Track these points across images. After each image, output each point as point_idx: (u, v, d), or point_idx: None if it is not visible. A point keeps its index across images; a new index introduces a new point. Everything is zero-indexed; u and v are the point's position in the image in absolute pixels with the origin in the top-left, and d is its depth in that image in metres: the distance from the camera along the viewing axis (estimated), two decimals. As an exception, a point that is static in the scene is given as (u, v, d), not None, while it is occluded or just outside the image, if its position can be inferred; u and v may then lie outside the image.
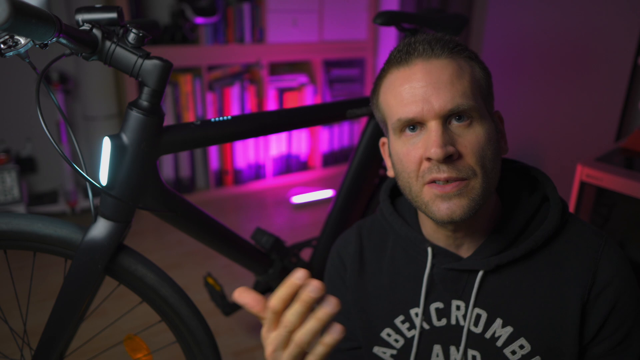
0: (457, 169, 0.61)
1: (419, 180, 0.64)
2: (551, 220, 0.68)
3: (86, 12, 0.74)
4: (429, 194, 0.64)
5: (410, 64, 0.65)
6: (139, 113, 0.81)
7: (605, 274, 0.65)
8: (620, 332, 0.66)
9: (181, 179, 2.65)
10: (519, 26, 2.54)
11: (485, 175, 0.63)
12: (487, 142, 0.63)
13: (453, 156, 0.61)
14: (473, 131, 0.63)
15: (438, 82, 0.62)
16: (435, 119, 0.62)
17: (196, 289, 1.84)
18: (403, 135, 0.66)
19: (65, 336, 0.88)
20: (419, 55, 0.64)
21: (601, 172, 1.40)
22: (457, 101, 0.61)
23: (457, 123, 0.63)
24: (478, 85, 0.65)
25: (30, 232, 0.82)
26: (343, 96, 3.03)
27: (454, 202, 0.62)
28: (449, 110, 0.61)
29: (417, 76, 0.63)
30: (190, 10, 2.35)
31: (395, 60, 0.67)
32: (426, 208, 0.65)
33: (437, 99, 0.62)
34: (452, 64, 0.64)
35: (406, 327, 0.74)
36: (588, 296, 0.65)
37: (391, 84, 0.67)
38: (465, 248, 0.70)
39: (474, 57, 0.67)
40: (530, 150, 2.60)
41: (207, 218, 1.03)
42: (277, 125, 1.06)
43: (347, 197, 1.32)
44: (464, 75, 0.64)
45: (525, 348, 0.67)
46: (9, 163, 2.24)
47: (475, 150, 0.62)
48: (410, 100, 0.63)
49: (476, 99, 0.63)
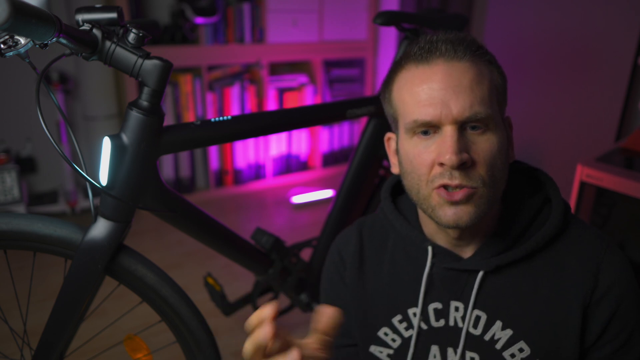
0: (469, 176, 0.61)
1: (429, 185, 0.63)
2: (553, 221, 0.67)
3: (86, 12, 0.74)
4: (437, 198, 0.63)
5: (431, 63, 0.63)
6: (139, 113, 0.81)
7: (608, 277, 0.65)
8: (621, 336, 0.66)
9: (181, 179, 2.65)
10: (519, 26, 2.54)
11: (493, 185, 0.62)
12: (498, 151, 0.63)
13: (466, 163, 0.60)
14: (487, 139, 0.62)
15: (458, 87, 0.61)
16: (452, 124, 0.61)
17: (196, 289, 1.84)
18: (415, 136, 0.64)
19: (65, 336, 0.88)
20: (440, 55, 0.63)
21: (601, 172, 1.39)
22: (475, 109, 0.60)
23: (472, 131, 0.62)
24: (496, 92, 0.64)
25: (30, 232, 0.82)
26: (343, 96, 3.03)
27: (461, 209, 0.62)
28: (466, 117, 0.60)
29: (437, 77, 0.62)
30: (190, 10, 2.35)
31: (415, 57, 0.65)
32: (432, 212, 0.64)
33: (456, 104, 0.60)
34: (473, 68, 0.62)
35: (404, 327, 0.74)
36: (590, 300, 0.65)
37: (408, 81, 0.65)
38: (466, 248, 0.70)
39: (494, 62, 0.66)
40: (530, 150, 2.60)
41: (207, 218, 1.03)
42: (277, 125, 1.06)
43: (347, 197, 1.31)
44: (484, 81, 0.62)
45: (524, 351, 0.66)
46: (9, 163, 2.24)
47: (488, 159, 0.61)
48: (428, 102, 0.62)
49: (493, 106, 0.63)
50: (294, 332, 0.50)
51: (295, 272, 1.30)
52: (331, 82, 2.99)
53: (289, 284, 1.30)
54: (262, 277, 1.25)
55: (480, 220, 0.63)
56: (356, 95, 3.08)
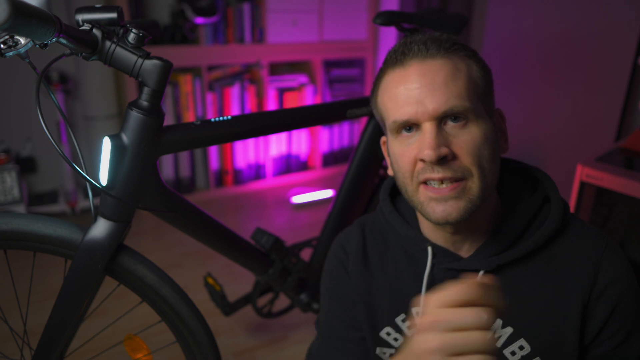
0: (452, 169, 0.61)
1: (414, 180, 0.64)
2: (552, 220, 0.68)
3: (86, 12, 0.74)
4: (423, 195, 0.64)
5: (406, 65, 0.65)
6: (139, 113, 0.81)
7: (607, 275, 0.65)
8: (620, 334, 0.66)
9: (181, 179, 2.65)
10: (519, 26, 2.54)
11: (482, 175, 0.63)
12: (483, 142, 0.63)
13: (447, 157, 0.61)
14: (468, 131, 0.62)
15: (432, 84, 0.62)
16: (430, 120, 0.62)
17: (196, 289, 1.84)
18: (399, 136, 0.66)
19: (65, 336, 0.88)
20: (414, 55, 0.64)
21: (601, 172, 1.39)
22: (451, 103, 0.61)
23: (453, 123, 0.62)
24: (474, 85, 0.64)
25: (30, 232, 0.82)
26: (343, 96, 3.03)
27: (450, 204, 0.62)
28: (442, 112, 0.61)
29: (412, 77, 0.63)
30: (190, 10, 2.35)
31: (391, 61, 0.67)
32: (422, 208, 0.65)
33: (431, 100, 0.61)
34: (447, 64, 0.63)
35: (407, 326, 0.74)
36: (589, 297, 0.65)
37: (387, 85, 0.67)
38: (466, 248, 0.70)
39: (472, 56, 0.66)
40: (530, 150, 2.60)
41: (207, 218, 1.03)
42: (277, 125, 1.06)
43: (347, 197, 1.31)
44: (460, 76, 0.63)
45: (525, 349, 0.67)
46: (9, 163, 2.24)
47: (471, 151, 0.62)
48: (404, 102, 0.63)
49: (472, 99, 0.63)
50: (294, 332, 0.50)
51: (295, 272, 1.30)
52: (331, 82, 2.99)
53: (289, 284, 1.30)
54: (262, 277, 1.25)
55: (471, 214, 0.63)
56: (356, 95, 3.08)
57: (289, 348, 1.56)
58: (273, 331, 1.64)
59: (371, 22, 2.90)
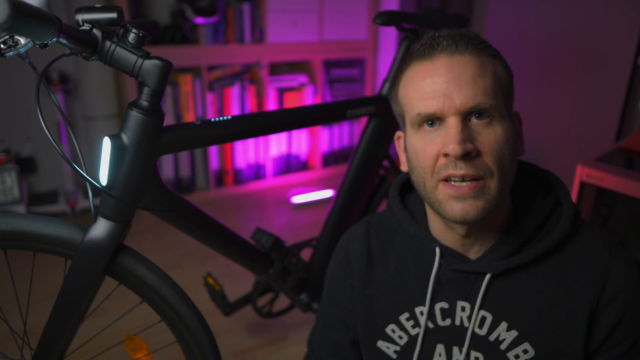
0: (475, 166, 0.61)
1: (434, 177, 0.63)
2: (563, 225, 0.67)
3: (86, 12, 0.74)
4: (443, 192, 0.63)
5: (434, 59, 0.64)
6: (139, 113, 0.81)
7: (616, 283, 0.65)
8: (627, 342, 0.66)
9: (181, 179, 2.65)
10: (519, 26, 2.54)
11: (502, 176, 0.62)
12: (505, 141, 0.63)
13: (471, 153, 0.61)
14: (492, 130, 0.62)
15: (460, 79, 0.61)
16: (456, 115, 0.61)
17: (196, 289, 1.84)
18: (421, 130, 0.65)
19: (65, 336, 0.88)
20: (442, 50, 0.64)
21: (601, 172, 1.39)
22: (478, 99, 0.61)
23: (477, 121, 0.62)
24: (500, 84, 0.64)
25: (30, 232, 0.82)
26: (343, 96, 3.03)
27: (469, 203, 0.61)
28: (469, 108, 0.61)
29: (440, 71, 0.63)
30: (190, 10, 2.35)
31: (418, 54, 0.66)
32: (439, 206, 0.64)
33: (459, 95, 0.61)
34: (475, 60, 0.63)
35: (410, 325, 0.74)
36: (597, 304, 0.65)
37: (412, 77, 0.66)
38: (474, 249, 0.70)
39: (497, 55, 0.66)
40: (530, 150, 2.59)
41: (207, 218, 1.03)
42: (277, 125, 1.06)
43: (347, 197, 1.31)
44: (487, 73, 0.63)
45: (529, 353, 0.66)
46: (9, 163, 2.24)
47: (494, 149, 0.61)
48: (431, 95, 0.62)
49: (497, 97, 0.63)
50: (294, 332, 0.50)
51: (295, 272, 1.30)
52: (331, 82, 2.99)
53: (289, 284, 1.30)
54: (262, 277, 1.25)
55: (488, 214, 0.62)
56: (356, 95, 3.08)
57: (289, 348, 1.56)
58: (273, 331, 1.64)
59: (371, 22, 2.90)
